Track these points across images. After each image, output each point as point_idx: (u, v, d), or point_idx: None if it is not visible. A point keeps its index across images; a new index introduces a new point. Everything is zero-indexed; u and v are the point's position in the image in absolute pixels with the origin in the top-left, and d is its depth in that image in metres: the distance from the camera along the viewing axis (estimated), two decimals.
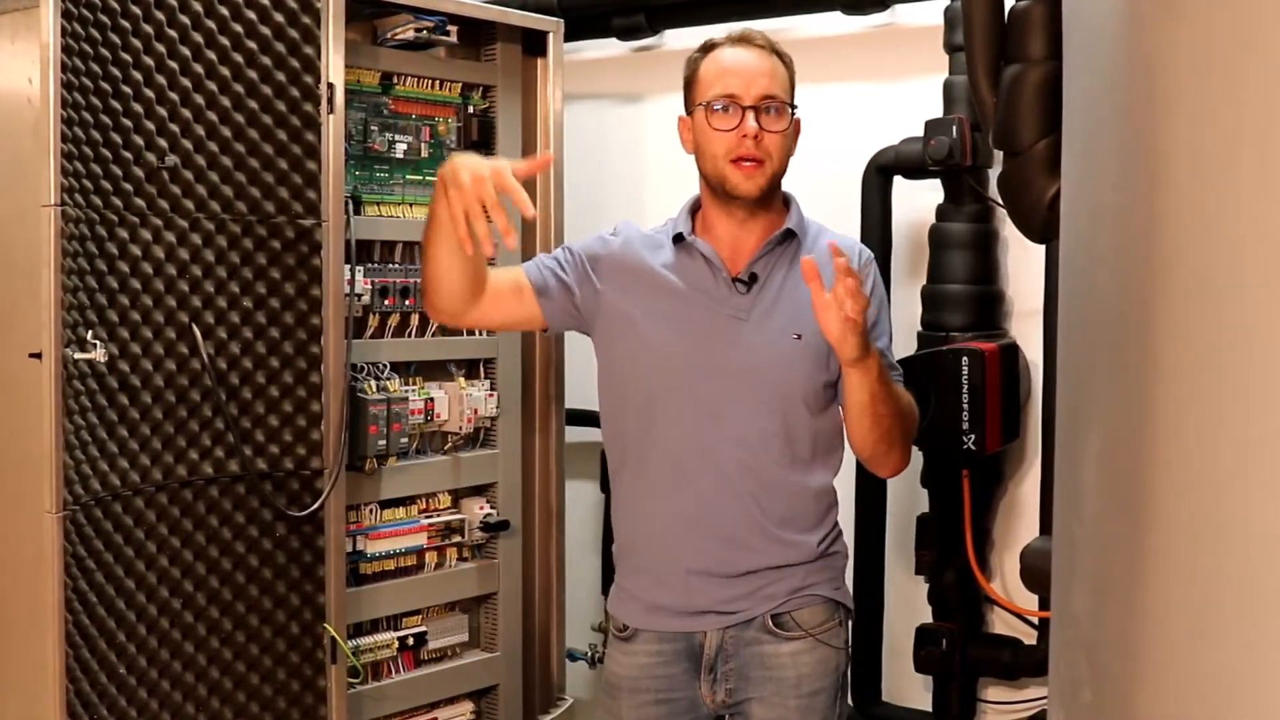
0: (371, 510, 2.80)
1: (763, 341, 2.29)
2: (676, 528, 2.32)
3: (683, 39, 2.37)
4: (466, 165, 2.11)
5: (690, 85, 2.36)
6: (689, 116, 2.37)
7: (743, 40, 2.32)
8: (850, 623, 2.43)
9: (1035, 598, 2.82)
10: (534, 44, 3.07)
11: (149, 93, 2.40)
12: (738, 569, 2.30)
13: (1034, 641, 2.92)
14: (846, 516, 2.89)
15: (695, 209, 2.42)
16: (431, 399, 2.85)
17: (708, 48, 2.35)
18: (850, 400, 2.23)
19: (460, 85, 2.95)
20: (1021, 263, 2.95)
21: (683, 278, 2.35)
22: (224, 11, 2.47)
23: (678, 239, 2.36)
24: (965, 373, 2.72)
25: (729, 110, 2.27)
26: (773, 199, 2.34)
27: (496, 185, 2.09)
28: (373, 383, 2.76)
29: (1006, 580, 3.00)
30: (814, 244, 2.36)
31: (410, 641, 2.87)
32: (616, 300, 2.37)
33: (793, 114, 2.31)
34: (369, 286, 2.75)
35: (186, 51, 2.44)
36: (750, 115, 2.26)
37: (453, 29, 2.85)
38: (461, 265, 2.25)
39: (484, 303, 2.34)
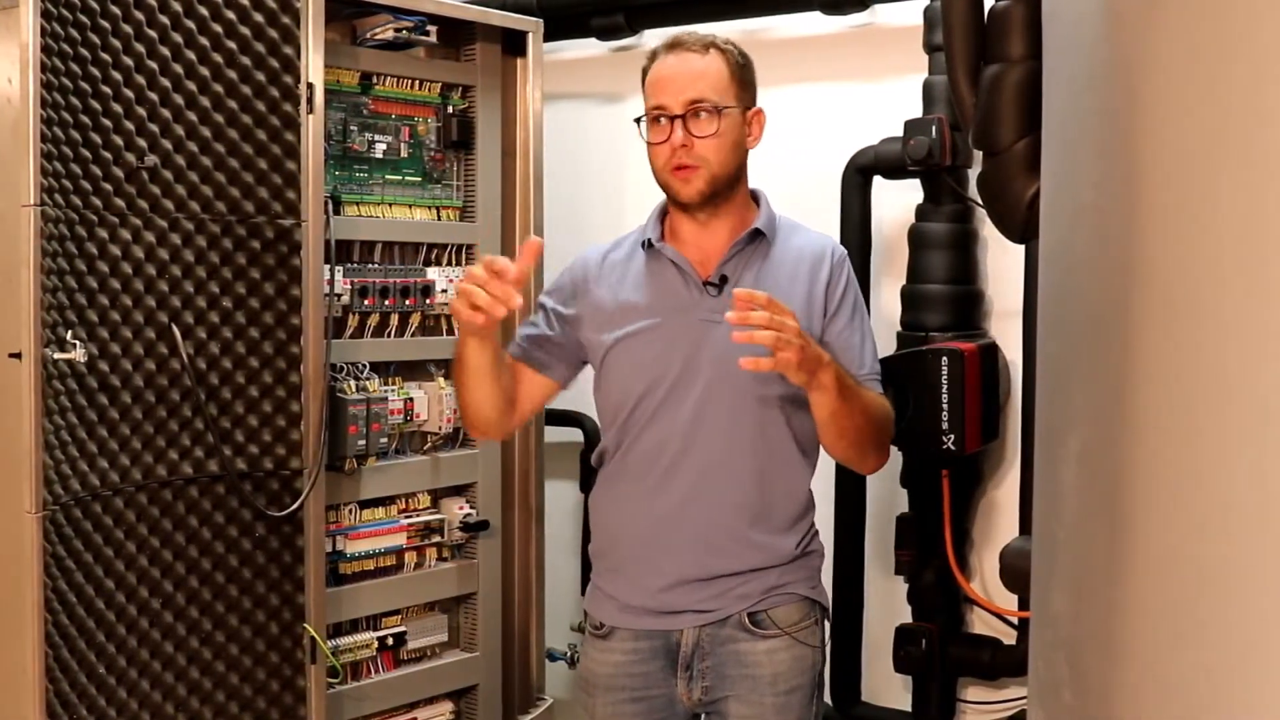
0: (351, 510, 2.80)
1: (736, 344, 2.27)
2: (652, 532, 2.31)
3: (662, 39, 2.37)
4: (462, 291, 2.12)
5: (642, 92, 2.36)
6: None
7: (675, 46, 2.30)
8: (827, 622, 2.43)
9: (1015, 598, 2.83)
10: (513, 44, 3.07)
11: (128, 92, 2.40)
12: (713, 572, 2.29)
13: (1013, 641, 2.93)
14: (826, 516, 2.89)
15: (664, 214, 2.40)
16: (411, 399, 2.85)
17: (653, 56, 2.34)
18: (814, 414, 2.22)
19: (440, 85, 2.95)
20: (1001, 263, 2.96)
21: (653, 286, 2.34)
22: (203, 11, 2.47)
23: (647, 245, 2.35)
24: (945, 373, 2.72)
25: (661, 122, 2.26)
26: (732, 199, 2.32)
27: (485, 266, 2.09)
28: (352, 383, 2.76)
29: (986, 580, 3.01)
30: (786, 242, 2.35)
31: (390, 641, 2.87)
32: (593, 322, 2.36)
33: (738, 113, 2.28)
34: (348, 286, 2.75)
35: (166, 51, 2.43)
36: (678, 125, 2.24)
37: (432, 29, 2.85)
38: (492, 391, 2.28)
39: (517, 409, 2.39)
